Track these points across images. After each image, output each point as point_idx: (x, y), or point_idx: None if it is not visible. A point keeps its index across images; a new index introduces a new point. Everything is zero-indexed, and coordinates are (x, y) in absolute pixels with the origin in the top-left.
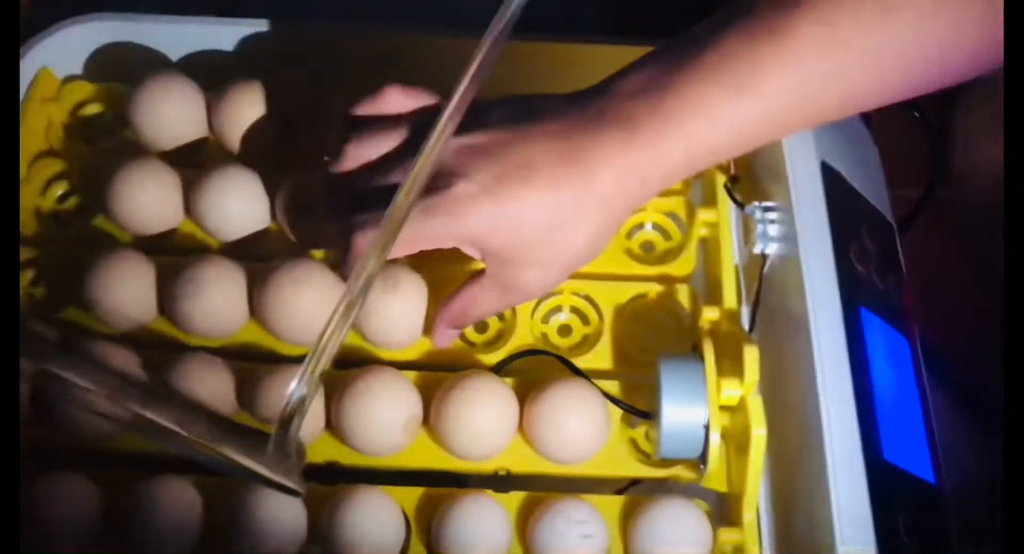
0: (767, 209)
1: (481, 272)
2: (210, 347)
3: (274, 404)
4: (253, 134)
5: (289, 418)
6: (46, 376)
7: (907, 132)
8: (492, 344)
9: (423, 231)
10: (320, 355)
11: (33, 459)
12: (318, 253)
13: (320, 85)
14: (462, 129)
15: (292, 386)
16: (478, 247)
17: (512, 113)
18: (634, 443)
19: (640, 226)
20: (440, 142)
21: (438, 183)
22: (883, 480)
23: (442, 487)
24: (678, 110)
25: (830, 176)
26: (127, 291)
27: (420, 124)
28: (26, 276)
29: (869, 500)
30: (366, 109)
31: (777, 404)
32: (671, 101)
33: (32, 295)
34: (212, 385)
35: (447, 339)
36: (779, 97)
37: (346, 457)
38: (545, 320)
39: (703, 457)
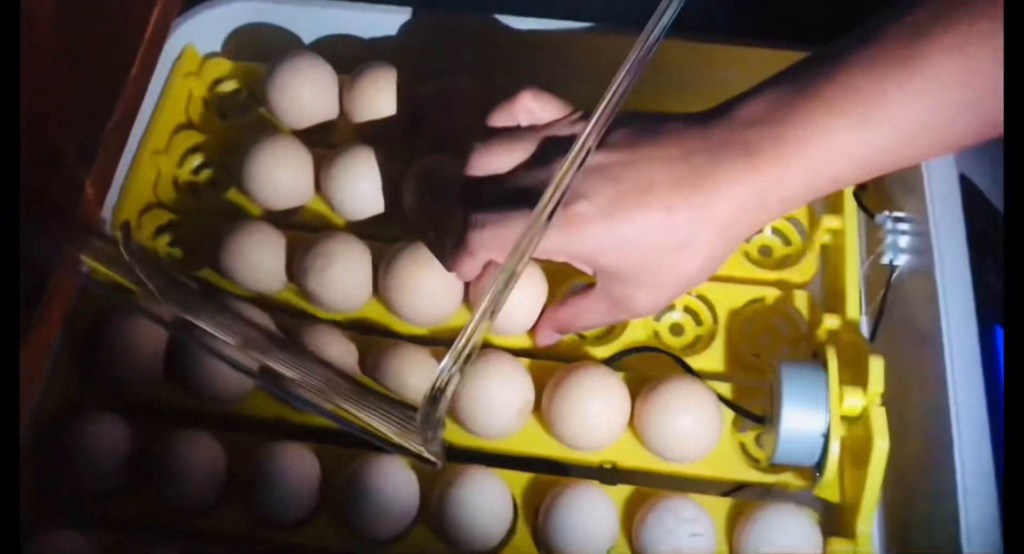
0: (898, 219)
1: (593, 284)
2: (334, 320)
3: (394, 379)
4: (384, 117)
5: (439, 392)
6: (185, 326)
7: None
8: (603, 338)
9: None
10: (474, 329)
11: (164, 417)
12: None
13: (450, 71)
14: None
15: (445, 361)
16: (590, 265)
17: (634, 133)
18: (743, 448)
19: (759, 230)
20: (581, 155)
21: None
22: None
23: (547, 474)
24: (800, 140)
25: (969, 190)
26: (258, 261)
27: (550, 138)
28: (164, 239)
29: (1000, 522)
30: (501, 117)
31: (898, 418)
32: (792, 131)
33: (170, 254)
34: (337, 354)
35: (548, 340)
36: (908, 127)
37: (457, 438)
38: (658, 318)
39: (819, 465)
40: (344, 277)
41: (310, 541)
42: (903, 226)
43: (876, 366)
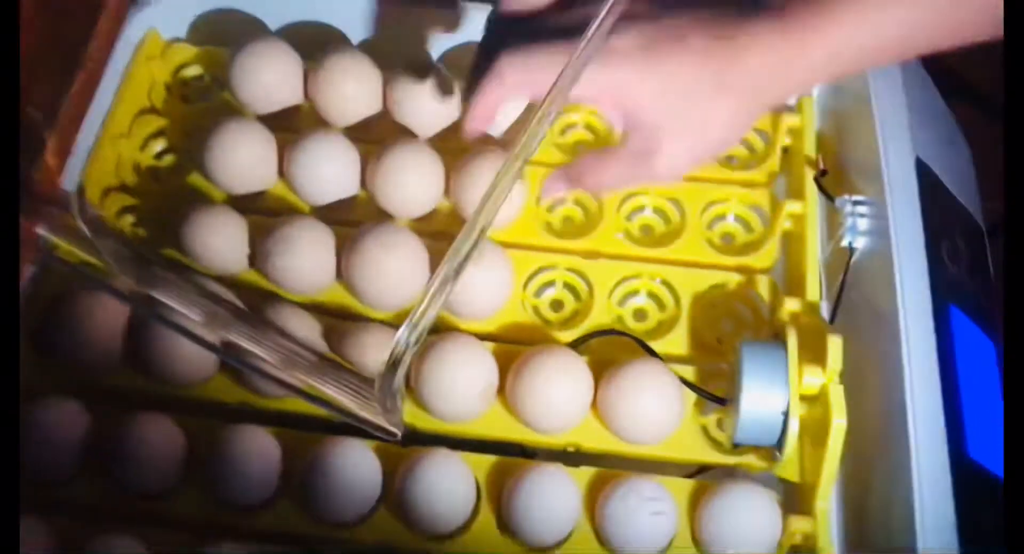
0: (857, 203)
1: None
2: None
3: (357, 358)
4: (348, 103)
5: (397, 361)
6: (146, 300)
7: (998, 143)
8: (567, 322)
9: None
10: (429, 300)
11: (122, 401)
12: (403, 222)
13: (416, 54)
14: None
15: (402, 329)
16: (620, 105)
17: None
18: (705, 431)
19: (722, 217)
20: None
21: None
22: (967, 478)
23: (512, 457)
24: (830, 7)
25: (924, 173)
26: (220, 245)
27: None
28: (127, 220)
29: (953, 498)
30: None
31: (855, 398)
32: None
33: (136, 232)
34: (300, 330)
35: (552, 192)
36: (930, 8)
37: (421, 422)
38: (621, 303)
39: (779, 444)
40: (306, 261)
41: (272, 525)
42: (861, 209)
43: (835, 345)
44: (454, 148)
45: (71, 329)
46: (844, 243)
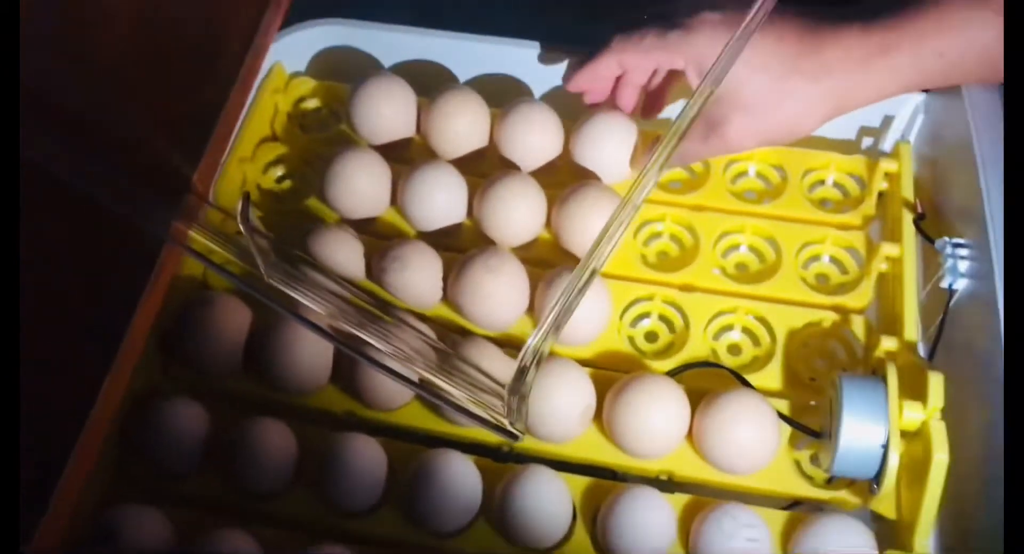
0: (958, 245)
1: None
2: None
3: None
4: (458, 137)
5: (525, 368)
6: (288, 302)
7: None
8: (662, 353)
9: (663, 39)
10: (560, 311)
11: (240, 404)
12: (506, 249)
13: (521, 92)
14: None
15: (531, 339)
16: (699, 70)
17: None
18: (798, 465)
19: (816, 258)
20: None
21: (692, 6)
22: None
23: (608, 480)
24: (913, 12)
25: None
26: (340, 259)
27: None
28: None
29: None
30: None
31: (953, 438)
32: (910, 6)
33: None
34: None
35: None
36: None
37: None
38: (716, 337)
39: (877, 478)
40: (418, 279)
41: (376, 531)
42: (962, 252)
43: (936, 381)
44: (556, 181)
45: (197, 332)
46: (944, 284)
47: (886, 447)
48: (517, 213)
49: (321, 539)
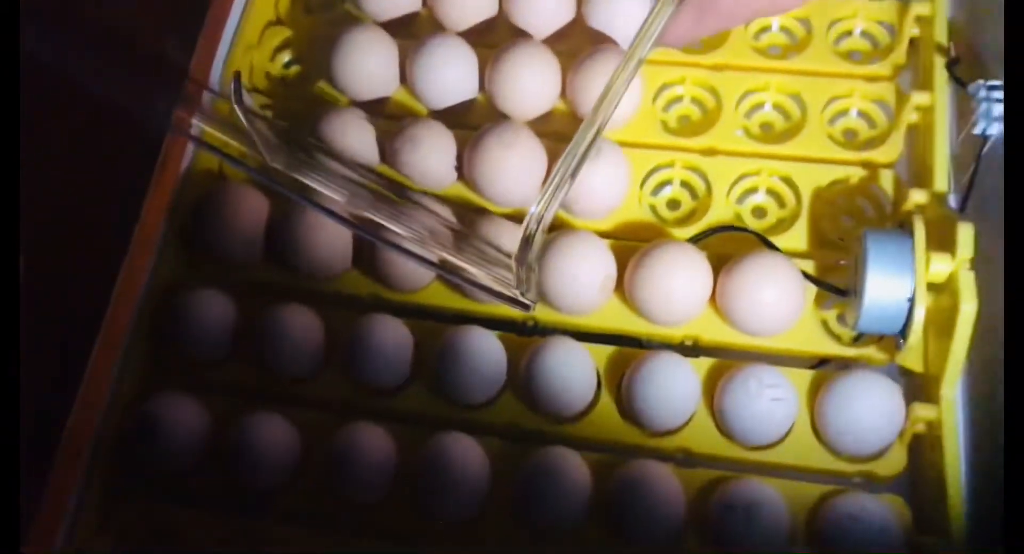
0: (992, 88)
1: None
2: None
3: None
4: (464, 6)
5: (530, 237)
6: (295, 185)
7: None
8: (685, 220)
9: None
10: (561, 179)
11: (265, 292)
12: (521, 122)
13: None
14: None
15: (533, 208)
16: None
17: None
18: (825, 325)
19: (844, 113)
20: None
21: None
22: None
23: (632, 348)
24: None
25: None
26: (351, 143)
27: None
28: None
29: None
30: None
31: (986, 292)
32: None
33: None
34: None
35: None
36: None
37: (543, 315)
38: (740, 201)
39: (903, 332)
40: (431, 158)
41: (406, 407)
42: (996, 94)
43: (965, 231)
44: (570, 49)
45: (216, 224)
46: (977, 130)
47: (912, 300)
48: (530, 84)
49: (354, 418)
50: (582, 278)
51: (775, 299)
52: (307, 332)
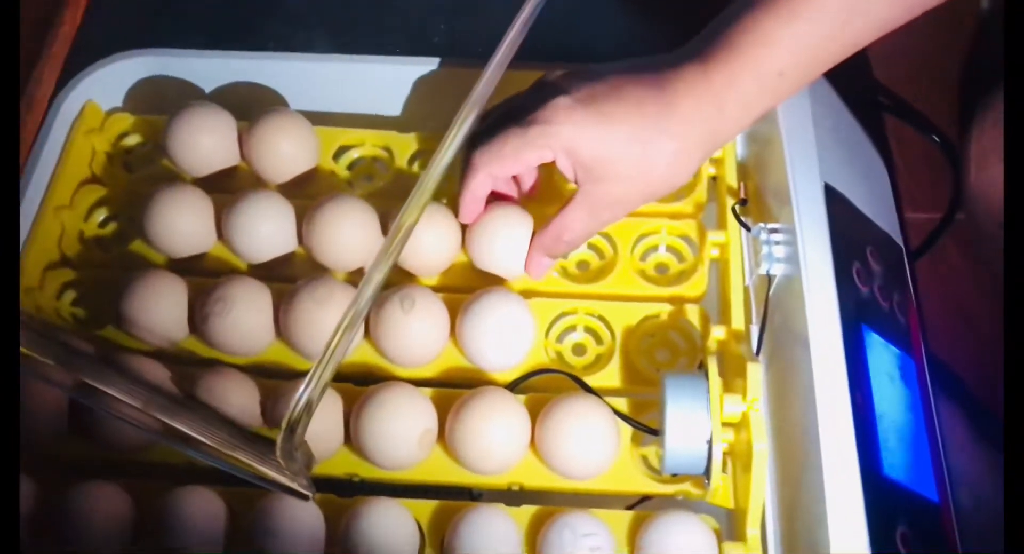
0: (773, 231)
1: (570, 200)
2: (238, 364)
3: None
4: (282, 161)
5: (295, 422)
6: (84, 389)
7: (929, 156)
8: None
9: (525, 140)
10: (327, 362)
11: (70, 469)
12: (340, 275)
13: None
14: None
15: (300, 391)
16: (571, 158)
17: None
18: (644, 461)
19: (654, 249)
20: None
21: (537, 98)
22: (880, 495)
23: (458, 501)
24: (740, 39)
25: (833, 198)
26: (160, 309)
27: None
28: (68, 297)
29: (864, 513)
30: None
31: (782, 422)
32: (735, 34)
33: (74, 314)
34: (239, 398)
35: (542, 269)
36: (834, 15)
37: (365, 471)
38: (559, 340)
39: (707, 472)
40: (245, 319)
41: None
42: (776, 237)
43: (753, 372)
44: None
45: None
46: (763, 270)
47: (711, 442)
48: (346, 236)
49: None
50: (400, 433)
51: (588, 443)
52: (110, 510)
